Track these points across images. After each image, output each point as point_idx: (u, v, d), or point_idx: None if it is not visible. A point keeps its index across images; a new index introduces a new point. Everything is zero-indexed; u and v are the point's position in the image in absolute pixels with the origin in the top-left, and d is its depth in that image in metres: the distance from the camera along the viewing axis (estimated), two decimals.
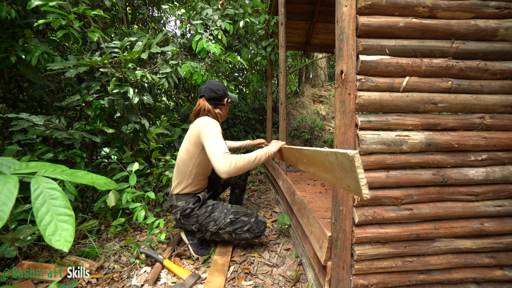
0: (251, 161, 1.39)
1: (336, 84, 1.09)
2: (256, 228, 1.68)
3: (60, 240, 0.68)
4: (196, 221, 1.65)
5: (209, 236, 1.72)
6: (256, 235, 1.69)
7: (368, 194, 0.65)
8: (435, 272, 1.17)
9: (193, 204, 1.65)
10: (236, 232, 1.67)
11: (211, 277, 1.46)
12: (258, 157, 1.43)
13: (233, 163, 1.31)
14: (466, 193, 1.13)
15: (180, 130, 2.68)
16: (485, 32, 1.08)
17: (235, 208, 1.73)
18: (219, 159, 1.31)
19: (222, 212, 1.67)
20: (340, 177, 0.77)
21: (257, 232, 1.68)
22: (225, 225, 1.65)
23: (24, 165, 0.85)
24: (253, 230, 1.67)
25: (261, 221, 1.71)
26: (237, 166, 1.32)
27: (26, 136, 1.81)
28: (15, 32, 2.00)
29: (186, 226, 1.69)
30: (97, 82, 2.17)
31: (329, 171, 0.85)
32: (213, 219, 1.65)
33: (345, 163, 0.73)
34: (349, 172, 0.72)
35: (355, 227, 1.09)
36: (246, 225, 1.67)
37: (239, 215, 1.68)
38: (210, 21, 2.78)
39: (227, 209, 1.70)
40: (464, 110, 1.13)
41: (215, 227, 1.65)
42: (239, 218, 1.67)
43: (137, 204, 1.87)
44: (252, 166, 1.42)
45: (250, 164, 1.39)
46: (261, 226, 1.70)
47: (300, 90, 6.46)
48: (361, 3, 1.02)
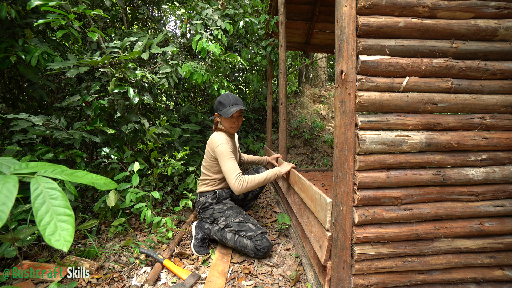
0: (261, 181, 1.69)
1: (336, 84, 1.09)
2: (259, 241, 1.61)
3: (59, 240, 0.68)
4: (212, 214, 1.81)
5: (215, 232, 1.75)
6: (256, 248, 1.60)
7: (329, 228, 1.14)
8: (435, 272, 1.17)
9: (212, 199, 1.86)
10: (239, 234, 1.66)
11: (211, 277, 1.46)
12: (268, 177, 1.72)
13: (245, 184, 1.63)
14: (466, 193, 1.13)
15: (180, 130, 2.68)
16: (485, 32, 1.08)
17: (249, 216, 1.78)
18: (233, 181, 1.62)
19: (235, 213, 1.77)
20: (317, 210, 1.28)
21: (258, 244, 1.60)
22: (232, 223, 1.70)
23: (24, 165, 0.85)
24: (255, 240, 1.62)
25: (266, 239, 1.64)
26: (248, 186, 1.64)
27: (26, 136, 1.81)
28: (15, 32, 2.00)
29: (203, 218, 1.87)
30: (97, 82, 2.16)
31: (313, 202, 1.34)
32: (225, 215, 1.76)
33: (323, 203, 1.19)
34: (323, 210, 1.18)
35: (355, 227, 1.09)
36: (250, 232, 1.64)
37: (249, 221, 1.71)
38: (210, 21, 2.78)
39: (241, 213, 1.78)
40: (464, 110, 1.13)
41: (223, 223, 1.72)
42: (247, 223, 1.69)
43: (142, 204, 1.90)
44: (262, 185, 1.72)
45: (260, 184, 1.70)
46: (264, 242, 1.61)
47: (300, 90, 6.46)
48: (361, 3, 1.02)
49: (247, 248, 1.63)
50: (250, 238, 1.63)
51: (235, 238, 1.67)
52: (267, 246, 1.62)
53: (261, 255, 1.64)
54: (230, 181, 1.63)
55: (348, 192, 1.07)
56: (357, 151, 1.06)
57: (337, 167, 1.09)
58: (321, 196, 1.21)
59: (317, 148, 5.06)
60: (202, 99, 4.46)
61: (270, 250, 1.64)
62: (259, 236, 1.63)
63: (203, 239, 1.80)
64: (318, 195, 1.26)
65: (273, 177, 1.74)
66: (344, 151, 1.06)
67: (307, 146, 5.11)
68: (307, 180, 1.60)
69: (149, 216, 1.85)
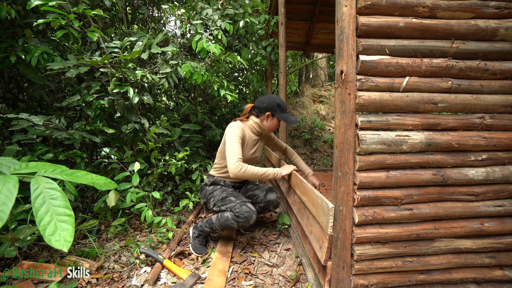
0: (259, 174, 1.64)
1: (336, 84, 1.09)
2: (237, 209, 1.54)
3: (59, 240, 0.68)
4: (205, 195, 1.84)
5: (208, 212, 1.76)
6: (235, 216, 1.54)
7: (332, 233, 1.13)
8: (435, 272, 1.17)
9: (208, 181, 1.89)
10: (220, 209, 1.65)
11: (211, 277, 1.46)
12: (266, 174, 1.67)
13: (243, 168, 1.58)
14: (466, 193, 1.13)
15: (180, 130, 2.68)
16: (485, 32, 1.08)
17: (237, 193, 1.75)
18: (233, 162, 1.58)
19: (221, 191, 1.76)
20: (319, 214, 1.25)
21: (237, 212, 1.53)
22: (217, 201, 1.70)
23: (24, 165, 0.85)
24: (234, 209, 1.56)
25: (246, 205, 1.56)
26: (245, 172, 1.58)
27: (26, 136, 1.81)
28: (15, 32, 2.00)
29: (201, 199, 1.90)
30: (97, 82, 2.16)
31: (315, 206, 1.31)
32: (213, 195, 1.77)
33: (325, 208, 1.17)
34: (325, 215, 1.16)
35: (355, 227, 1.09)
36: (230, 203, 1.60)
37: (231, 195, 1.69)
38: (210, 21, 2.78)
39: (227, 191, 1.76)
40: (464, 110, 1.13)
41: (213, 203, 1.74)
42: (228, 197, 1.67)
43: (143, 204, 1.90)
44: (259, 178, 1.67)
45: (257, 176, 1.64)
46: (244, 208, 1.54)
47: (300, 90, 6.46)
48: (361, 3, 1.02)
49: (228, 221, 1.57)
50: (230, 209, 1.59)
51: (218, 217, 1.64)
52: (247, 211, 1.53)
53: (242, 223, 1.54)
54: (229, 162, 1.59)
55: (348, 192, 1.07)
56: (357, 151, 1.06)
57: (337, 167, 1.09)
58: (323, 201, 1.20)
59: (317, 148, 5.06)
60: (202, 99, 4.46)
61: (251, 217, 1.54)
62: (238, 204, 1.57)
63: (198, 235, 1.80)
64: (320, 199, 1.25)
65: (271, 176, 1.70)
66: (344, 151, 1.06)
67: (307, 146, 5.11)
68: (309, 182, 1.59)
69: (150, 216, 1.85)
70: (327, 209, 1.12)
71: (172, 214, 2.39)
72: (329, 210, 1.11)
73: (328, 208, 1.11)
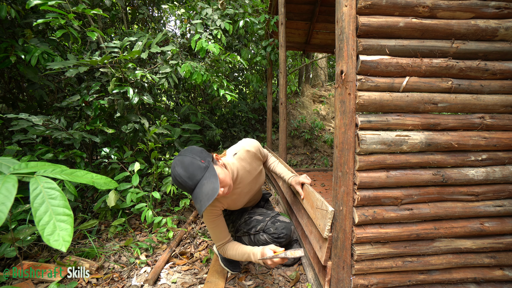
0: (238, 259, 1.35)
1: (336, 84, 1.08)
2: (272, 228, 1.40)
3: (58, 240, 0.68)
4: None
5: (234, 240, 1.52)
6: (274, 237, 1.40)
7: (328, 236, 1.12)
8: (435, 272, 1.17)
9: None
10: (250, 233, 1.48)
11: (211, 277, 1.46)
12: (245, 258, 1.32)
13: (225, 253, 1.38)
14: (466, 193, 1.13)
15: (180, 130, 2.68)
16: (485, 32, 1.08)
17: (254, 209, 1.59)
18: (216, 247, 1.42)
19: (240, 213, 1.60)
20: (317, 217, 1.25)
21: (274, 233, 1.39)
22: (240, 225, 1.53)
23: (24, 165, 0.85)
24: (268, 230, 1.41)
25: (279, 220, 1.43)
26: (226, 254, 1.38)
27: (26, 136, 1.81)
28: (15, 32, 2.00)
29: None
30: (97, 82, 2.16)
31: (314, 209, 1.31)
32: (231, 221, 1.61)
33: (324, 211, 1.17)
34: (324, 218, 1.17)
35: (355, 227, 1.09)
36: (259, 224, 1.45)
37: (254, 214, 1.52)
38: (210, 21, 2.77)
39: (246, 210, 1.59)
40: (464, 110, 1.13)
41: (233, 229, 1.58)
42: (253, 217, 1.50)
43: (143, 204, 1.90)
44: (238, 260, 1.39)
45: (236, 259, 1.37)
46: (279, 226, 1.40)
47: (300, 90, 6.46)
48: (361, 3, 1.02)
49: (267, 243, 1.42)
50: (262, 230, 1.43)
51: (252, 240, 1.49)
52: (284, 228, 1.38)
53: (284, 241, 1.39)
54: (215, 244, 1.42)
55: (348, 192, 1.07)
56: (357, 151, 1.06)
57: (337, 167, 1.09)
58: (323, 204, 1.20)
59: (317, 148, 5.06)
60: (202, 99, 4.46)
61: (290, 231, 1.40)
62: (270, 223, 1.41)
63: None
64: (320, 202, 1.25)
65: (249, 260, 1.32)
66: (344, 151, 1.06)
67: (307, 146, 5.10)
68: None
69: (150, 216, 1.85)
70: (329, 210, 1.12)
71: (172, 214, 2.39)
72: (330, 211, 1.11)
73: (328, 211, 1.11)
